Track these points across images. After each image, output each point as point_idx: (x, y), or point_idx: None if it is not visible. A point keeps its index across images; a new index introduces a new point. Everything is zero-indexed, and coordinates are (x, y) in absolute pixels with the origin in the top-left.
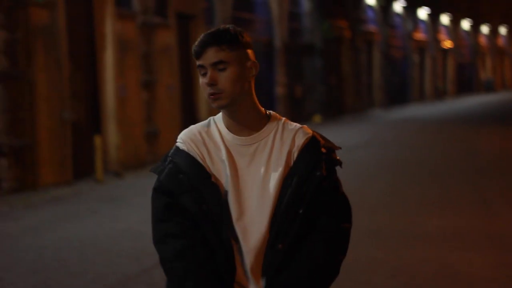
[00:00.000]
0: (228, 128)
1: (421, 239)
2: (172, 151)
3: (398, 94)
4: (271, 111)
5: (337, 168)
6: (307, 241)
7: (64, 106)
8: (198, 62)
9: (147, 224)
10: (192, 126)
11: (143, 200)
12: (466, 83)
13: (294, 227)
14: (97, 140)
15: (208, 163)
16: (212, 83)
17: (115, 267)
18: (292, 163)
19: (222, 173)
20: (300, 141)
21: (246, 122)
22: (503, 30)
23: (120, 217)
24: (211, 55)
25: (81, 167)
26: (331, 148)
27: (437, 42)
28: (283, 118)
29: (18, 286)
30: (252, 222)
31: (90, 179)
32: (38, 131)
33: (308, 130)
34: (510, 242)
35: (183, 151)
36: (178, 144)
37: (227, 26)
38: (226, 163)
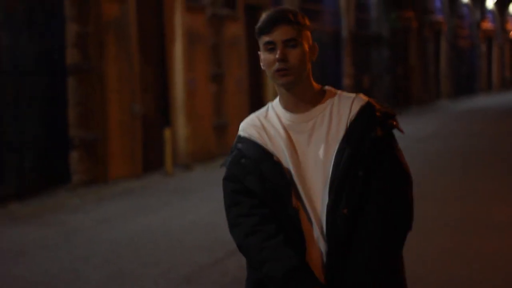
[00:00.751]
0: (285, 108)
1: (492, 228)
2: (235, 141)
3: (465, 85)
4: (326, 86)
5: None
6: (370, 205)
7: (134, 99)
8: (266, 38)
9: (218, 215)
10: (251, 115)
11: (212, 192)
12: None
13: (355, 191)
14: (167, 133)
15: (269, 145)
16: (283, 59)
17: (189, 257)
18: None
19: (283, 153)
20: (355, 108)
21: (304, 100)
22: None
23: (191, 208)
24: (283, 32)
25: (151, 160)
26: (388, 113)
27: (505, 31)
28: (339, 91)
29: (93, 277)
30: (317, 193)
31: (160, 172)
32: (109, 124)
33: (364, 97)
34: None
35: (244, 137)
36: (239, 133)
37: (290, 8)
38: (285, 142)
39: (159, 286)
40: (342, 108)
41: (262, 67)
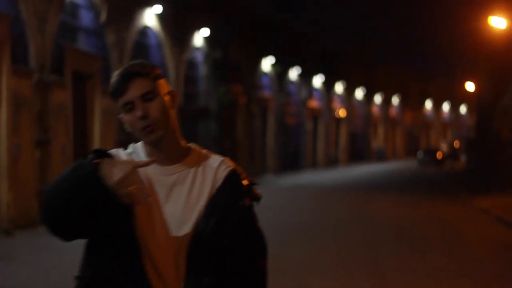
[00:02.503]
0: (149, 157)
1: None
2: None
3: (291, 161)
4: (191, 143)
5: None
6: (227, 276)
7: None
8: (123, 100)
9: (37, 281)
10: (118, 150)
11: (33, 258)
12: (358, 151)
13: (218, 258)
14: None
15: None
16: (145, 115)
17: None
18: (213, 193)
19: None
20: (222, 174)
21: (169, 152)
22: (395, 100)
23: (10, 274)
24: (137, 88)
25: None
26: (252, 182)
27: (331, 110)
28: (205, 150)
29: None
30: (167, 252)
31: None
32: None
33: (230, 163)
34: None
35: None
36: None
37: (137, 61)
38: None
39: None
40: (207, 169)
41: (126, 129)
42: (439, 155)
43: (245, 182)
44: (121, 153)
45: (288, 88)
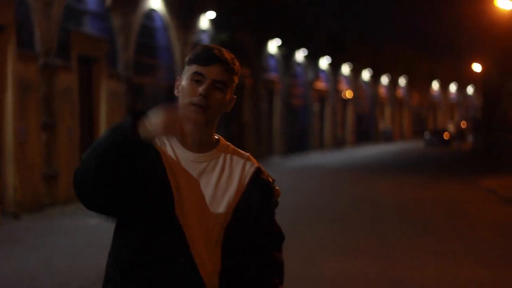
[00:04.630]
0: (181, 143)
1: (318, 282)
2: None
3: (298, 142)
4: (218, 135)
5: None
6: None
7: None
8: (198, 69)
9: (43, 265)
10: None
11: (40, 242)
12: (365, 132)
13: (250, 251)
14: None
15: (169, 164)
16: (206, 96)
17: None
18: (243, 189)
19: (177, 180)
20: (250, 169)
21: (202, 140)
22: (402, 81)
23: (16, 258)
24: (217, 71)
25: None
26: (273, 179)
27: (338, 92)
28: (230, 144)
29: None
30: (193, 237)
31: None
32: None
33: (253, 160)
34: (404, 285)
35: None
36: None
37: (231, 53)
38: (175, 175)
39: None
40: (234, 163)
41: (176, 93)
42: (446, 135)
43: (270, 179)
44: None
45: (295, 70)
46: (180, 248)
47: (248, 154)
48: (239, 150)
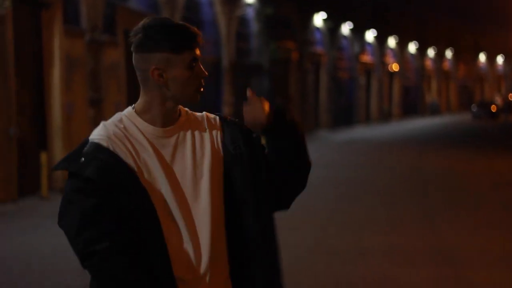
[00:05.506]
0: (149, 121)
1: (367, 255)
2: (89, 147)
3: (344, 116)
4: None
5: None
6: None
7: (10, 123)
8: (191, 55)
9: None
10: (106, 122)
11: None
12: (412, 105)
13: (259, 204)
14: (43, 157)
15: (135, 158)
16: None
17: (61, 281)
18: (219, 143)
19: (151, 167)
20: (215, 121)
21: (174, 115)
22: (448, 53)
23: (63, 233)
24: (198, 48)
25: (27, 183)
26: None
27: (384, 64)
28: (186, 109)
29: None
30: (195, 211)
31: (36, 195)
32: None
33: (209, 113)
34: (450, 256)
35: (106, 149)
36: (97, 140)
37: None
38: (151, 156)
39: None
40: (199, 125)
41: (170, 87)
42: (493, 108)
43: (235, 120)
44: (108, 126)
45: (341, 43)
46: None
47: (204, 112)
48: (195, 112)
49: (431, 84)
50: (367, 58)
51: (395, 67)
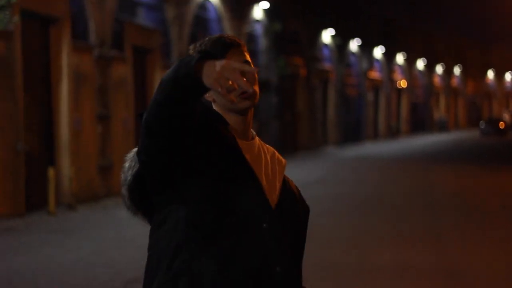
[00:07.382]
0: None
1: (374, 273)
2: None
3: (352, 132)
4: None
5: None
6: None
7: (18, 138)
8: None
9: (98, 256)
10: None
11: (94, 232)
12: (420, 122)
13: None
14: (51, 172)
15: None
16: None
17: None
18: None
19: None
20: (282, 160)
21: (248, 127)
22: (457, 70)
23: (72, 248)
24: (239, 55)
25: (34, 198)
26: None
27: (392, 81)
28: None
29: None
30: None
31: (43, 211)
32: None
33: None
34: (461, 275)
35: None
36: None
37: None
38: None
39: None
40: (270, 152)
41: (210, 97)
42: (501, 125)
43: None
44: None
45: (349, 59)
46: (264, 211)
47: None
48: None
49: (439, 100)
50: (375, 74)
51: (403, 83)
